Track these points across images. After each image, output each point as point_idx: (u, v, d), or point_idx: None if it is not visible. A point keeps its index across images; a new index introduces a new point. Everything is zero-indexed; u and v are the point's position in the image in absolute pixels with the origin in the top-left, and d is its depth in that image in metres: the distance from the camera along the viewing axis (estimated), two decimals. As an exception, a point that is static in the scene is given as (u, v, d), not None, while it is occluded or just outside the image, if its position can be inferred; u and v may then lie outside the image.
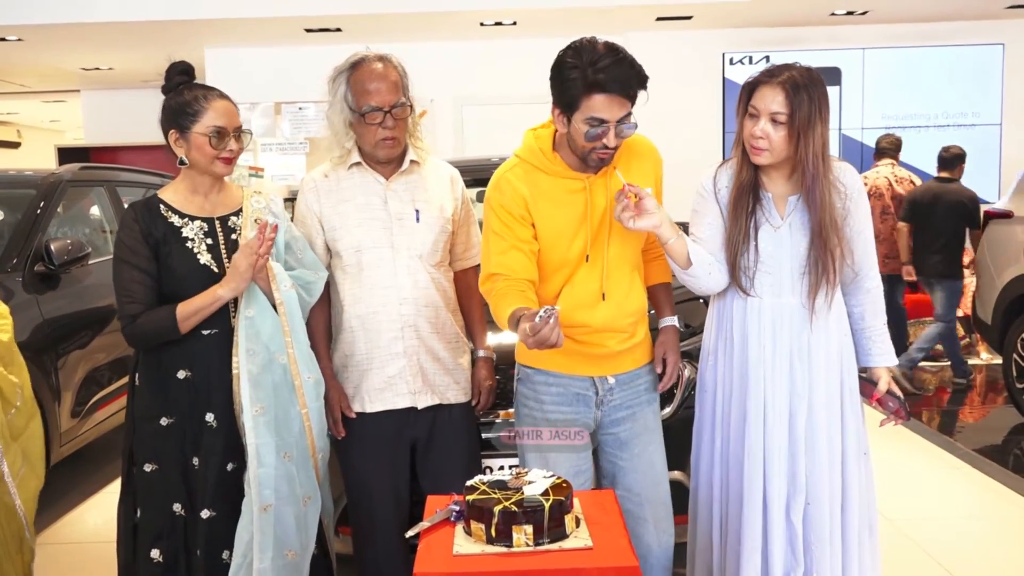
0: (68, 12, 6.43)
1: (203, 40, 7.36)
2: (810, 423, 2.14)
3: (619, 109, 1.97)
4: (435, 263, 2.34)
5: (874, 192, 5.88)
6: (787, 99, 2.01)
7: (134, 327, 2.10)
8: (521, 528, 1.66)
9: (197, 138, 2.13)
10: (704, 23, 7.30)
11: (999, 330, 5.01)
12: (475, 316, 2.47)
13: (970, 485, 4.04)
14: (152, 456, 2.15)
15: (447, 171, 2.42)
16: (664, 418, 2.61)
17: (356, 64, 2.24)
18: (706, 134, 7.48)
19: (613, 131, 1.98)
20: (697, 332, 2.87)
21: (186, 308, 2.08)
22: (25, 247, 3.72)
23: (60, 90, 10.04)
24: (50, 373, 3.58)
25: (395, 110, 2.21)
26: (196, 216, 2.19)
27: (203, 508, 2.13)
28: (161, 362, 2.14)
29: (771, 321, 2.15)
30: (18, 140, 14.56)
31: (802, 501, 2.13)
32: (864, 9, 6.96)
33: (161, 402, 2.14)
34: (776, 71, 2.05)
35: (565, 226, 2.12)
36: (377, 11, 6.50)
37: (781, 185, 2.14)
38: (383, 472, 2.33)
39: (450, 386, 2.36)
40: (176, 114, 2.14)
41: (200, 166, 2.16)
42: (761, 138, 2.04)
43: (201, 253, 2.16)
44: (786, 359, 2.14)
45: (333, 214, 2.31)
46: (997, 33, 7.50)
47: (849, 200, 2.12)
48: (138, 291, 2.10)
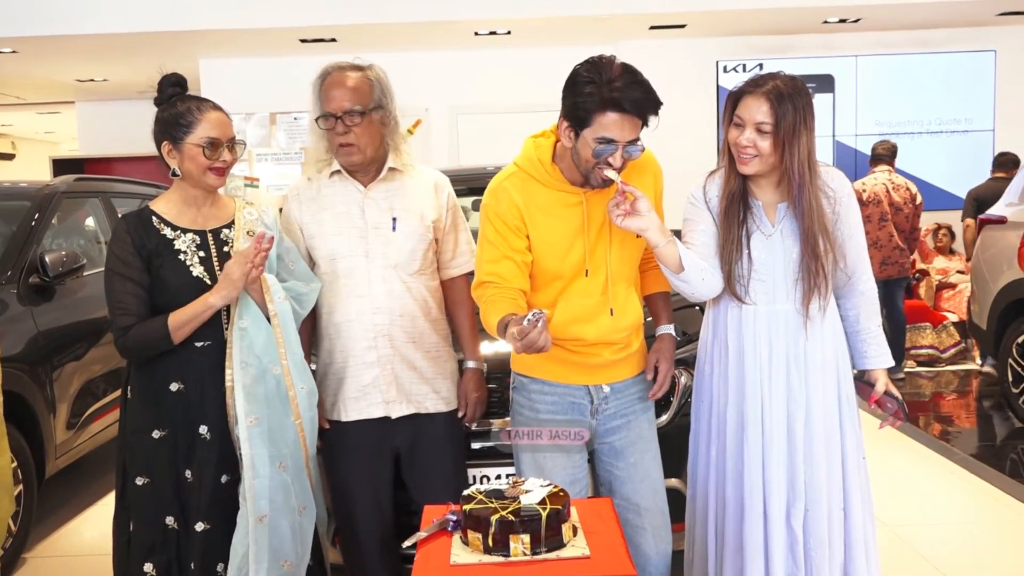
0: (63, 24, 6.43)
1: (198, 51, 7.36)
2: (808, 429, 2.14)
3: (630, 131, 1.95)
4: (412, 272, 2.33)
5: (872, 198, 5.89)
6: (772, 109, 2.01)
7: (127, 339, 2.09)
8: (518, 537, 1.66)
9: (190, 149, 2.12)
10: (698, 31, 7.32)
11: (994, 335, 5.02)
12: (464, 325, 2.44)
13: (966, 490, 4.04)
14: (144, 469, 2.14)
15: (432, 178, 2.40)
16: (660, 426, 2.61)
17: (326, 73, 2.28)
18: (700, 142, 7.50)
19: (620, 152, 1.96)
20: (694, 339, 2.88)
21: (178, 317, 2.07)
22: (20, 259, 3.71)
23: (55, 101, 10.04)
24: (45, 385, 3.57)
25: (346, 116, 2.21)
26: (188, 229, 2.19)
27: (197, 521, 2.12)
28: (154, 375, 2.14)
29: (767, 328, 2.15)
30: (12, 152, 14.55)
31: (802, 507, 2.13)
32: (857, 17, 6.99)
33: (154, 415, 2.13)
34: (760, 81, 2.06)
35: (560, 239, 2.11)
36: (371, 21, 6.51)
37: (770, 193, 2.15)
38: (363, 481, 2.34)
39: (428, 395, 2.35)
40: (169, 125, 2.14)
41: (193, 177, 2.16)
42: (748, 147, 2.05)
43: (194, 266, 2.15)
44: (783, 366, 2.14)
45: (312, 222, 2.33)
46: (989, 40, 7.55)
47: (839, 204, 2.13)
48: (131, 303, 2.10)
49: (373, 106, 2.24)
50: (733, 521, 2.17)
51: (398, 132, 2.34)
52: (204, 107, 2.15)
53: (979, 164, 7.38)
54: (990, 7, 6.82)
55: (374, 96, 2.25)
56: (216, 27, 6.54)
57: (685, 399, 2.72)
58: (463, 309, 2.43)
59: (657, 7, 6.55)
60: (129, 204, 5.03)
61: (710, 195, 2.18)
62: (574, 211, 2.11)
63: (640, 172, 2.17)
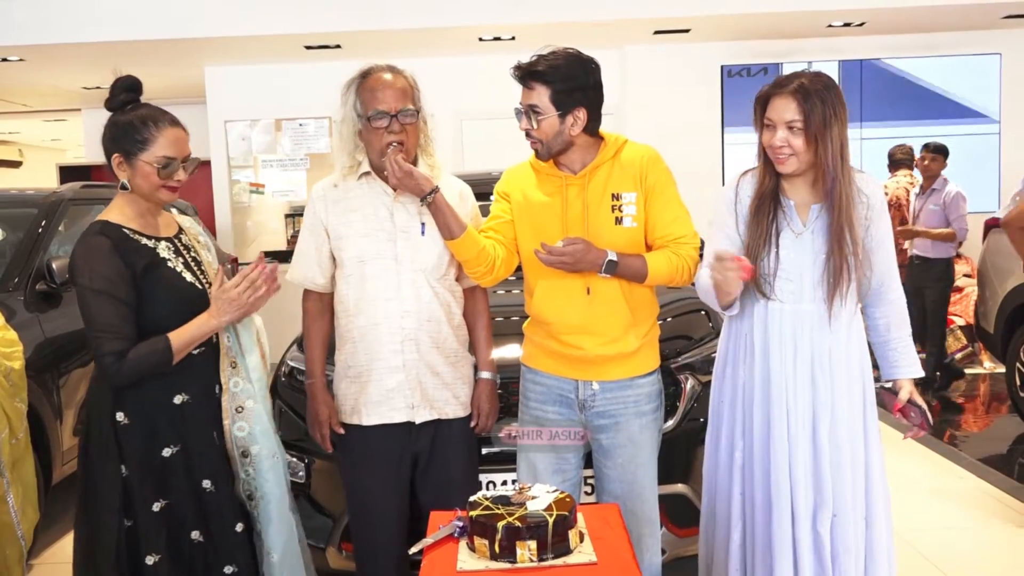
0: (69, 32, 6.46)
1: (203, 58, 7.38)
2: (833, 433, 2.13)
3: (526, 96, 2.22)
4: (439, 277, 2.33)
5: (893, 202, 5.89)
6: (799, 106, 2.04)
7: (124, 364, 1.94)
8: (525, 544, 1.65)
9: (143, 167, 2.01)
10: (702, 36, 7.32)
11: (1002, 339, 5.00)
12: (480, 335, 2.45)
13: (973, 495, 4.02)
14: (160, 492, 2.03)
15: (457, 186, 2.42)
16: (667, 431, 2.60)
17: (366, 73, 2.29)
18: (705, 145, 7.48)
19: (528, 116, 2.19)
20: (699, 344, 2.87)
21: (181, 338, 1.99)
22: (27, 266, 3.72)
23: (61, 109, 10.07)
24: (52, 392, 3.58)
25: (401, 115, 2.23)
26: (159, 237, 2.10)
27: (235, 524, 2.11)
28: (153, 393, 2.02)
29: (791, 327, 2.14)
30: (20, 159, 14.59)
31: (829, 512, 2.12)
32: (861, 20, 6.98)
33: (161, 434, 2.04)
34: (785, 81, 2.09)
35: (540, 214, 2.24)
36: (376, 27, 6.52)
37: (804, 193, 2.16)
38: (384, 487, 2.32)
39: (448, 401, 2.35)
40: (122, 138, 2.01)
41: (142, 193, 2.05)
42: (783, 147, 2.07)
43: (184, 271, 2.09)
44: (807, 366, 2.13)
45: (339, 223, 2.32)
46: (994, 43, 7.53)
47: (871, 210, 2.13)
48: (122, 326, 1.96)
49: (419, 107, 2.29)
50: (763, 525, 2.16)
51: (430, 138, 2.36)
52: (161, 123, 2.02)
53: (985, 167, 7.36)
54: (995, 10, 6.80)
55: (417, 98, 2.29)
56: (221, 34, 6.56)
57: (691, 404, 2.71)
58: (481, 319, 2.44)
59: (661, 12, 6.54)
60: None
61: (742, 196, 2.20)
62: (553, 191, 2.23)
63: (622, 167, 2.22)
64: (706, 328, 2.97)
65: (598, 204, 2.19)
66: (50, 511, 3.82)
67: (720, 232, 2.21)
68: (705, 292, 2.18)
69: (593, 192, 2.20)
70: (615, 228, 2.19)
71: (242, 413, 2.13)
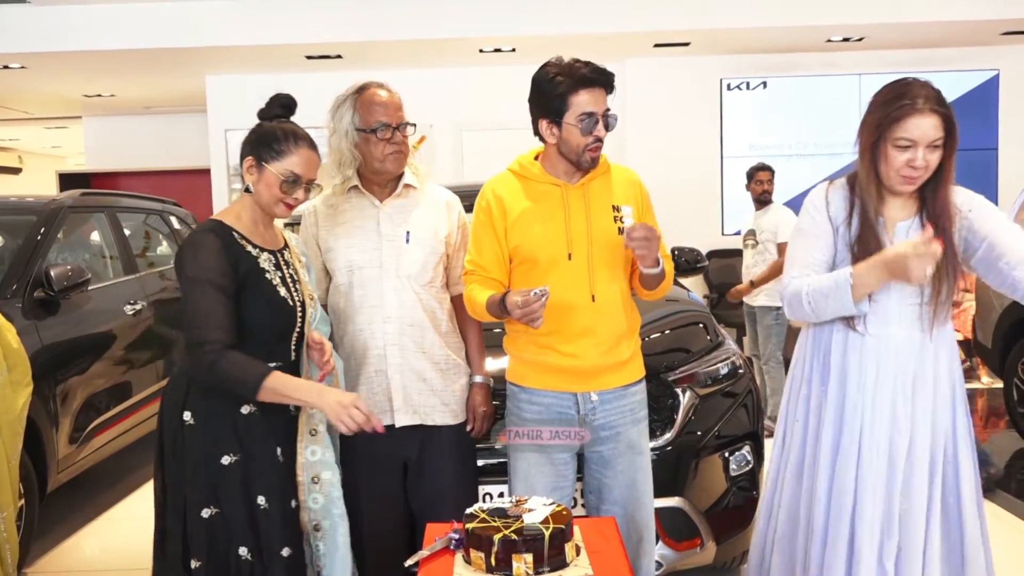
0: (71, 40, 6.48)
1: (205, 67, 7.41)
2: (909, 461, 2.03)
3: (603, 102, 2.17)
4: (425, 283, 2.38)
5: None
6: (942, 121, 1.95)
7: (218, 363, 1.92)
8: (521, 557, 1.65)
9: (270, 176, 2.07)
10: (702, 49, 7.35)
11: (999, 354, 5.00)
12: (472, 341, 2.49)
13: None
14: (212, 499, 2.01)
15: (444, 196, 2.49)
16: (664, 444, 2.60)
17: (362, 88, 2.36)
18: (705, 158, 7.51)
19: (602, 122, 2.16)
20: (697, 357, 2.86)
21: (278, 384, 1.95)
22: (25, 273, 3.72)
23: (62, 116, 10.10)
24: (48, 399, 3.57)
25: (402, 127, 2.34)
26: (264, 248, 2.13)
27: (283, 547, 2.05)
28: (223, 397, 2.01)
29: (875, 352, 2.05)
30: (19, 166, 14.61)
31: (895, 545, 2.01)
32: (860, 36, 7.02)
33: (224, 439, 2.02)
34: (914, 96, 1.95)
35: (542, 223, 2.21)
36: (377, 38, 6.55)
37: (898, 209, 2.07)
38: (369, 490, 2.35)
39: (436, 408, 2.37)
40: (261, 144, 2.08)
41: (261, 200, 2.10)
42: (923, 167, 1.97)
43: (279, 286, 2.10)
44: (888, 392, 2.04)
45: (328, 235, 2.40)
46: (992, 59, 7.56)
47: (971, 213, 2.03)
48: (223, 318, 1.95)
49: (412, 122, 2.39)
50: (817, 550, 2.08)
51: (413, 148, 2.45)
52: (300, 142, 2.09)
53: (983, 183, 7.39)
54: (994, 26, 6.84)
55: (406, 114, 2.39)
56: (223, 44, 6.59)
57: (689, 417, 2.71)
58: (472, 325, 2.48)
59: (661, 25, 6.58)
60: (135, 219, 5.05)
61: (834, 208, 2.09)
62: (554, 199, 2.23)
63: (623, 184, 2.30)
64: (704, 341, 2.96)
65: (599, 214, 2.23)
66: (45, 520, 3.81)
67: (815, 244, 2.09)
68: (817, 295, 2.03)
69: (595, 202, 2.23)
70: (619, 237, 2.21)
71: (318, 484, 2.14)
